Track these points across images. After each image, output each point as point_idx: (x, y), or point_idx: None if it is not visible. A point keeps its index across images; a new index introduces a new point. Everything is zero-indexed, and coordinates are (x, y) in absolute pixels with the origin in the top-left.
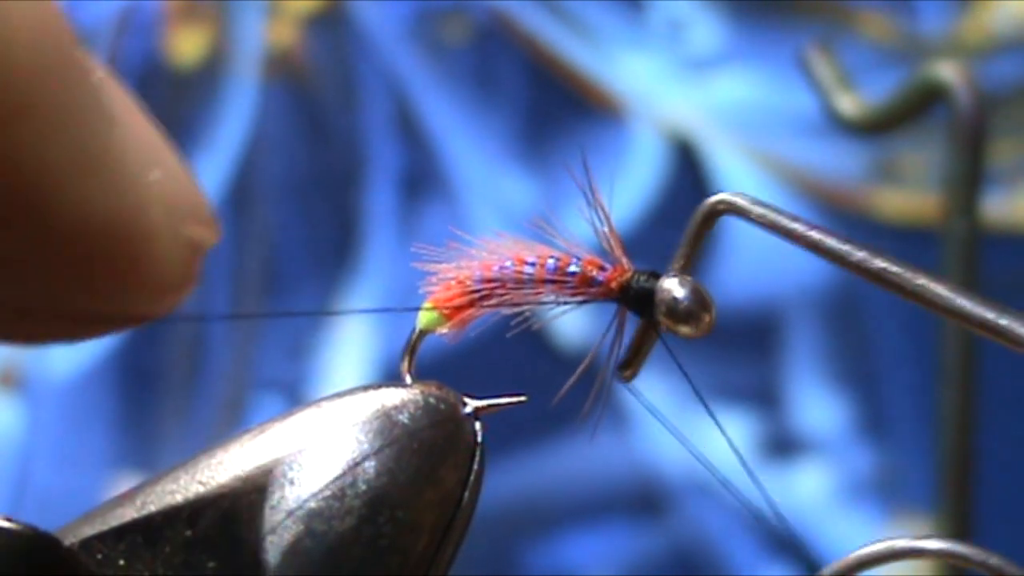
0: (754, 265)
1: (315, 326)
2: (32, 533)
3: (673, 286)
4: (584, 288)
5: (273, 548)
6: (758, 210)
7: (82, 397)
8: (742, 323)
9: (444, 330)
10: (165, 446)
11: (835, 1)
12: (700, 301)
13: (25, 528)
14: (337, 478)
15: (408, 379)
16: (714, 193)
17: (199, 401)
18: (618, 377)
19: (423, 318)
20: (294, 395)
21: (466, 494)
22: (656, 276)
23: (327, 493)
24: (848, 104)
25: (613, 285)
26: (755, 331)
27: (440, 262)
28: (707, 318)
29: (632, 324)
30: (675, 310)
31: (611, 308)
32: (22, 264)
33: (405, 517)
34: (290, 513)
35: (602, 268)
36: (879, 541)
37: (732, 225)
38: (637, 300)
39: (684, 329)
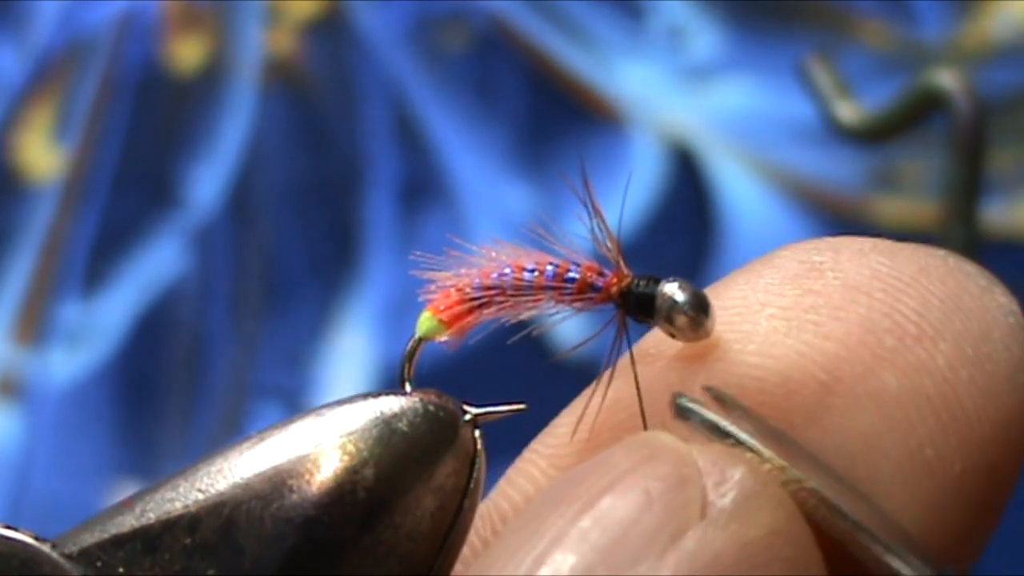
0: None
1: (314, 334)
2: (30, 542)
3: (674, 290)
4: (584, 294)
5: (273, 556)
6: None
7: (82, 405)
8: None
9: (443, 337)
10: (165, 454)
11: (835, 9)
12: (700, 305)
13: (24, 536)
14: (337, 486)
15: (407, 387)
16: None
17: (199, 409)
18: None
19: (422, 325)
20: (294, 403)
21: (466, 501)
22: (656, 280)
23: (327, 501)
24: (847, 112)
25: (613, 290)
26: None
27: (439, 270)
28: (707, 322)
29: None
30: (676, 314)
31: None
32: None
33: (404, 524)
34: (290, 521)
35: (601, 274)
36: None
37: (731, 231)
38: (638, 305)
39: (685, 333)
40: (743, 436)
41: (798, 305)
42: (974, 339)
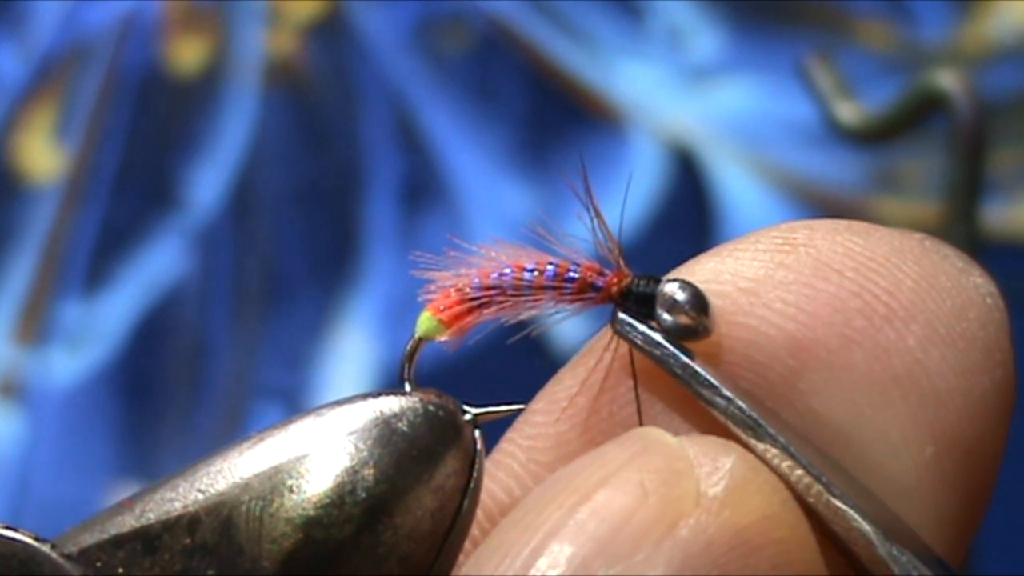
0: None
1: (314, 334)
2: (30, 542)
3: (674, 290)
4: (584, 294)
5: (272, 556)
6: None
7: (83, 406)
8: None
9: (443, 338)
10: (165, 454)
11: (835, 9)
12: (701, 305)
13: (24, 537)
14: (336, 486)
15: (407, 387)
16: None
17: (199, 409)
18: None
19: (422, 325)
20: (294, 403)
21: (466, 501)
22: (656, 280)
23: (326, 501)
24: (848, 113)
25: (613, 290)
26: None
27: (439, 270)
28: (708, 321)
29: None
30: (676, 314)
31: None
32: None
33: (404, 524)
34: (289, 521)
35: (601, 274)
36: None
37: (732, 232)
38: (638, 305)
39: (685, 333)
40: (683, 357)
41: (768, 278)
42: (947, 319)
